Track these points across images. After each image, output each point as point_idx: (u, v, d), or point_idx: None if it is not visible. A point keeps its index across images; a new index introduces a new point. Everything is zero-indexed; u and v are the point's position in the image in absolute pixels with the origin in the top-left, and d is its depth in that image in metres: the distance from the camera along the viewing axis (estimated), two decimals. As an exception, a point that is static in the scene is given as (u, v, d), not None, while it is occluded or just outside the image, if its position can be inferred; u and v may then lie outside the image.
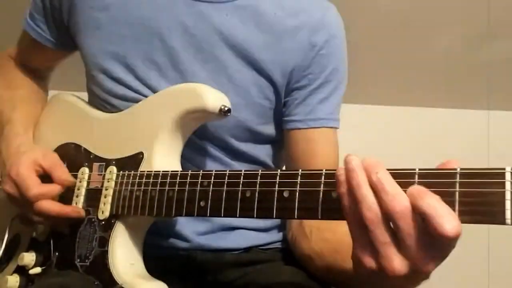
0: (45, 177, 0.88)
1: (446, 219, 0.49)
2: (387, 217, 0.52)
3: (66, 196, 0.88)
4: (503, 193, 0.49)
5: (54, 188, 0.86)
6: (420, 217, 0.51)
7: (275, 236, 0.99)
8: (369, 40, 1.81)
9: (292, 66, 0.90)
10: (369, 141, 2.10)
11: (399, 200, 0.51)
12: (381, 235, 0.53)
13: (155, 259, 0.85)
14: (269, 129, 0.96)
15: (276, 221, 1.00)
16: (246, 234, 0.95)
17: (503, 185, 0.49)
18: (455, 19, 1.88)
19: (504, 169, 0.50)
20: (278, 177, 0.65)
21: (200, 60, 0.89)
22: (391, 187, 0.52)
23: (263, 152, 0.97)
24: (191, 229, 0.92)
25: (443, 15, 1.86)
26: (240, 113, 0.88)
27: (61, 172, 0.87)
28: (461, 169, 0.52)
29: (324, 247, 0.79)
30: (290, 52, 0.90)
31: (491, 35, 1.91)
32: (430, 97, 2.21)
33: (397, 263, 0.52)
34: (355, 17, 0.94)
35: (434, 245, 0.51)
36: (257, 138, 0.95)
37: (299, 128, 0.92)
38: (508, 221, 0.48)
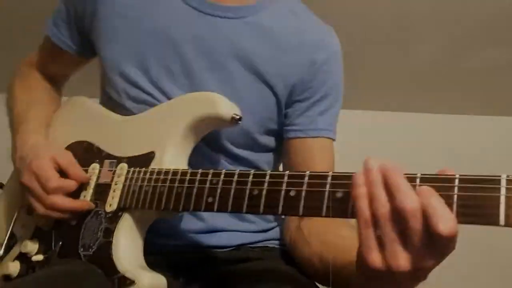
0: (61, 173, 0.87)
1: (442, 219, 0.51)
2: (398, 215, 0.54)
3: (75, 190, 0.88)
4: (498, 197, 0.51)
5: (71, 183, 0.85)
6: (424, 214, 0.52)
7: (264, 235, 0.99)
8: (354, 47, 1.84)
9: (294, 80, 0.93)
10: (353, 145, 2.08)
11: (413, 200, 0.53)
12: (390, 232, 0.54)
13: (151, 255, 0.84)
14: (268, 139, 0.98)
15: (265, 225, 1.00)
16: (236, 234, 0.95)
17: (498, 190, 0.51)
18: (438, 28, 1.94)
19: (499, 176, 0.52)
20: (286, 177, 0.66)
21: (209, 69, 0.91)
22: (405, 187, 0.54)
23: (263, 159, 0.99)
24: (185, 228, 0.92)
25: (427, 24, 1.92)
26: (243, 121, 0.88)
27: (77, 169, 0.87)
28: (460, 175, 0.54)
29: (324, 250, 0.80)
30: (293, 66, 0.93)
31: (474, 43, 1.96)
32: (413, 102, 2.23)
33: (402, 259, 0.54)
34: (341, 24, 0.98)
35: (435, 244, 0.53)
36: (256, 146, 0.97)
37: (300, 137, 0.95)
38: (502, 222, 0.50)
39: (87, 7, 0.97)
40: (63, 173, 0.87)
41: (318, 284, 0.85)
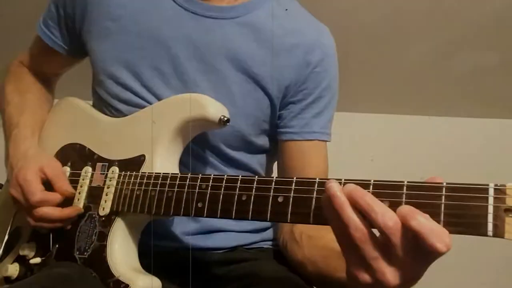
0: (48, 184, 0.85)
1: (437, 238, 0.48)
2: (376, 234, 0.52)
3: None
4: (486, 207, 0.48)
5: (55, 197, 0.83)
6: (411, 233, 0.49)
7: (259, 236, 0.97)
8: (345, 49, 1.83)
9: (288, 81, 0.89)
10: (347, 147, 2.06)
11: (390, 217, 0.50)
12: (371, 252, 0.52)
13: (147, 257, 0.83)
14: (262, 140, 0.94)
15: (260, 225, 0.98)
16: (232, 235, 0.93)
17: (486, 199, 0.49)
18: (428, 32, 1.90)
19: (487, 185, 0.49)
20: (273, 183, 0.63)
21: (202, 71, 0.87)
22: (378, 206, 0.51)
23: (255, 160, 0.96)
24: (181, 230, 0.90)
25: (417, 28, 1.88)
26: (236, 123, 0.85)
27: (63, 183, 0.85)
28: (447, 183, 0.52)
29: (316, 254, 0.78)
30: (286, 68, 0.89)
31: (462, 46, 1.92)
32: (405, 105, 2.21)
33: (390, 274, 0.51)
34: (332, 25, 0.94)
35: (423, 254, 0.50)
36: (250, 147, 0.93)
37: (295, 140, 0.91)
38: (490, 233, 0.48)
39: (77, 7, 0.93)
40: (50, 184, 0.85)
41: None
